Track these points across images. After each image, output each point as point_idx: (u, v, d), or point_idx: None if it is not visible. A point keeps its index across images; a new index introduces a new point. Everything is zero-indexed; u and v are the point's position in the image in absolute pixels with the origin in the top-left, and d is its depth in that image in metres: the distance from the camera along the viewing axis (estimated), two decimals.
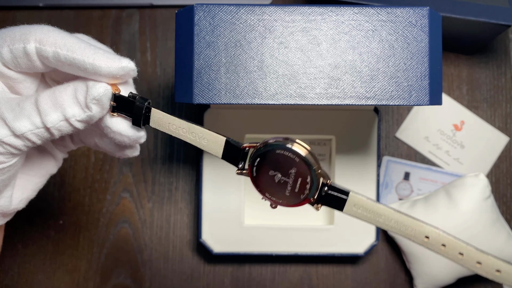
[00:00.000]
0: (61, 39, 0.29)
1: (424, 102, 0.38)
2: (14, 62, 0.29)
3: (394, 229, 0.29)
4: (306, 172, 0.29)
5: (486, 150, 0.55)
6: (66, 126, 0.29)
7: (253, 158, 0.29)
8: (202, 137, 0.31)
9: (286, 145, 0.29)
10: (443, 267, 0.51)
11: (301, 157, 0.29)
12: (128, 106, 0.30)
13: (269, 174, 0.29)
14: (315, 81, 0.37)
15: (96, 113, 0.29)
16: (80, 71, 0.29)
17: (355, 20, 0.38)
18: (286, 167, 0.29)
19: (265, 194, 0.30)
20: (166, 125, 0.31)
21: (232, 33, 0.37)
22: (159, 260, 0.54)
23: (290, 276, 0.54)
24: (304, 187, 0.29)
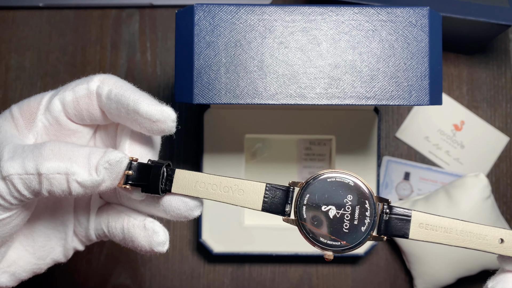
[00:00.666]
0: (120, 82, 0.28)
1: (424, 102, 0.38)
2: (75, 105, 0.28)
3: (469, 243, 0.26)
4: (364, 196, 0.26)
5: (486, 150, 0.55)
6: (60, 183, 0.25)
7: (301, 196, 0.26)
8: (237, 190, 0.27)
9: (335, 171, 0.26)
10: (443, 267, 0.51)
11: (355, 181, 0.26)
12: (146, 173, 0.27)
13: (323, 211, 0.26)
14: (315, 81, 0.37)
15: (102, 181, 0.26)
16: (123, 108, 0.27)
17: (355, 20, 0.38)
18: (340, 196, 0.26)
19: (319, 240, 0.26)
20: (192, 186, 0.27)
21: (232, 33, 0.37)
22: (159, 260, 0.54)
23: (290, 276, 0.54)
24: (363, 216, 0.26)
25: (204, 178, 0.27)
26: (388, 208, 0.26)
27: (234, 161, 0.51)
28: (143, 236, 0.29)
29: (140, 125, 0.27)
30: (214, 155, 0.51)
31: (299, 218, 0.26)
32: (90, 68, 0.55)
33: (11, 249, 0.29)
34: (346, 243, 0.26)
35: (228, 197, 0.27)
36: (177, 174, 0.27)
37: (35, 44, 0.55)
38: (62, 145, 0.26)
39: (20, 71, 0.55)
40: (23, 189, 0.25)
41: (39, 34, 0.55)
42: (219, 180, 0.27)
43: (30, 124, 0.28)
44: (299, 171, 0.54)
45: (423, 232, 0.26)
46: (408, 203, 0.53)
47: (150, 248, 0.29)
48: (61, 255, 0.31)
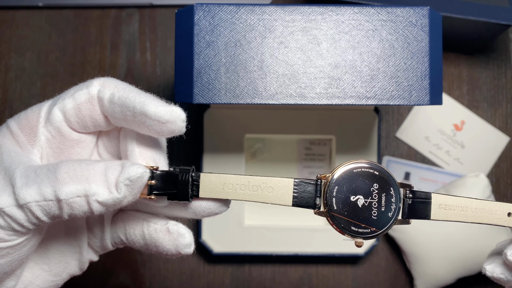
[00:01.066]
0: (122, 84, 0.27)
1: (424, 102, 0.38)
2: (77, 112, 0.27)
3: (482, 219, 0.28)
4: (388, 183, 0.27)
5: (487, 150, 0.55)
6: (80, 205, 0.24)
7: (330, 188, 0.27)
8: (266, 188, 0.27)
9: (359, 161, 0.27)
10: (443, 267, 0.51)
11: (379, 169, 0.27)
12: (170, 181, 0.27)
13: (352, 201, 0.27)
14: (315, 80, 0.37)
15: (124, 198, 0.25)
16: (128, 111, 0.26)
17: (355, 20, 0.38)
18: (367, 185, 0.27)
19: (351, 228, 0.27)
20: (220, 188, 0.27)
21: (232, 32, 0.37)
22: (159, 260, 0.54)
23: (290, 276, 0.54)
24: (389, 202, 0.27)
25: (231, 180, 0.27)
26: (411, 192, 0.28)
27: (234, 161, 0.51)
28: (168, 240, 0.28)
29: (148, 128, 0.26)
30: (214, 155, 0.51)
31: (330, 210, 0.27)
32: (90, 68, 0.55)
33: (25, 269, 0.28)
34: (375, 229, 0.27)
35: (258, 195, 0.27)
36: (203, 178, 0.27)
37: (35, 44, 0.55)
38: (77, 165, 0.25)
39: (19, 71, 0.55)
40: (42, 216, 0.24)
41: (38, 34, 0.55)
42: (246, 180, 0.27)
43: (33, 139, 0.27)
44: (299, 171, 0.54)
45: (442, 212, 0.28)
46: None
47: (177, 252, 0.28)
48: (77, 268, 0.30)
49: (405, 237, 0.52)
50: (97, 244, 0.30)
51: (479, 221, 0.28)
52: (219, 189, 0.27)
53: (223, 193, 0.27)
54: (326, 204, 0.27)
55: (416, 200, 0.28)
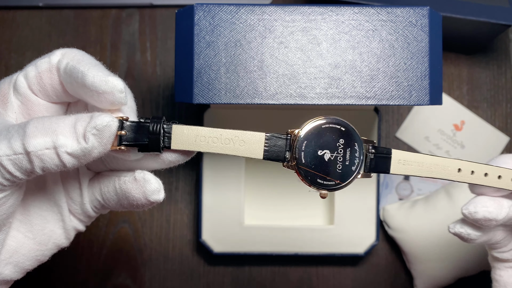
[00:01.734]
0: (80, 55, 0.27)
1: (424, 102, 0.38)
2: (38, 80, 0.28)
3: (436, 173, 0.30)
4: (353, 139, 0.28)
5: (487, 150, 0.55)
6: (51, 158, 0.24)
7: (299, 142, 0.28)
8: (238, 141, 0.28)
9: (327, 118, 0.29)
10: (443, 267, 0.51)
11: (345, 125, 0.29)
12: (141, 132, 0.26)
13: (319, 155, 0.28)
14: (315, 81, 0.37)
15: (93, 147, 0.25)
16: (75, 82, 0.26)
17: (355, 20, 0.38)
18: (333, 141, 0.28)
19: (317, 181, 0.28)
20: (192, 140, 0.27)
21: (232, 33, 0.37)
22: (159, 260, 0.54)
23: (290, 276, 0.54)
24: (353, 157, 0.28)
25: (204, 132, 0.27)
26: (373, 148, 0.29)
27: (234, 161, 0.51)
28: (135, 188, 0.28)
29: (90, 98, 0.26)
30: (214, 155, 0.51)
31: (298, 163, 0.28)
32: None
33: (9, 238, 0.28)
34: (339, 181, 0.28)
35: (230, 148, 0.27)
36: (175, 130, 0.27)
37: (35, 44, 0.55)
38: (46, 120, 0.25)
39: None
40: (14, 170, 0.24)
41: (39, 34, 0.55)
42: (219, 132, 0.27)
43: (6, 105, 0.28)
44: None
45: (401, 167, 0.30)
46: (408, 203, 0.53)
47: (145, 199, 0.28)
48: (63, 237, 0.30)
49: (405, 237, 0.52)
50: (78, 210, 0.30)
51: (433, 176, 0.30)
52: (191, 141, 0.27)
53: (195, 145, 0.27)
54: (295, 158, 0.28)
55: (378, 155, 0.29)
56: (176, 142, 0.27)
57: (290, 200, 0.54)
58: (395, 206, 0.53)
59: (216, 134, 0.27)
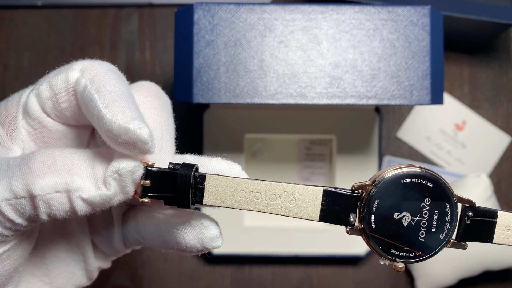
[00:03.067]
0: (104, 77, 0.21)
1: (425, 101, 0.37)
2: (54, 102, 0.22)
3: None
4: (443, 198, 0.22)
5: (488, 150, 0.55)
6: (61, 204, 0.20)
7: (369, 202, 0.22)
8: (287, 197, 0.22)
9: (409, 169, 0.22)
10: (444, 268, 0.50)
11: (434, 179, 0.22)
12: (168, 182, 0.22)
13: (395, 219, 0.22)
14: (316, 80, 0.37)
15: (113, 195, 0.20)
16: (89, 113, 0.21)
17: (356, 19, 0.37)
18: (416, 200, 0.22)
19: (391, 252, 0.22)
20: (230, 195, 0.22)
21: (232, 32, 0.37)
22: (158, 261, 0.54)
23: (290, 277, 0.54)
24: (443, 222, 0.22)
25: (245, 185, 0.22)
26: (471, 210, 0.23)
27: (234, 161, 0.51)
28: (190, 235, 0.23)
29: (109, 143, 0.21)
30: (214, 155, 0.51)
31: (367, 229, 0.22)
32: None
33: (21, 284, 0.24)
34: (421, 253, 0.23)
35: (277, 207, 0.22)
36: (209, 181, 0.22)
37: (34, 43, 0.55)
38: (57, 153, 0.20)
39: (18, 71, 0.54)
40: (15, 217, 0.20)
41: (37, 33, 0.55)
42: (263, 186, 0.22)
43: (12, 133, 0.22)
44: (300, 171, 0.54)
45: (509, 235, 0.23)
46: None
47: (202, 247, 0.23)
48: (84, 278, 0.26)
49: None
50: (108, 249, 0.26)
51: None
52: (229, 196, 0.22)
53: (233, 201, 0.22)
54: (363, 221, 0.22)
55: (478, 219, 0.23)
56: (210, 196, 0.22)
57: None
58: None
59: (259, 188, 0.22)
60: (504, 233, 0.23)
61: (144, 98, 0.24)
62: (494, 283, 0.54)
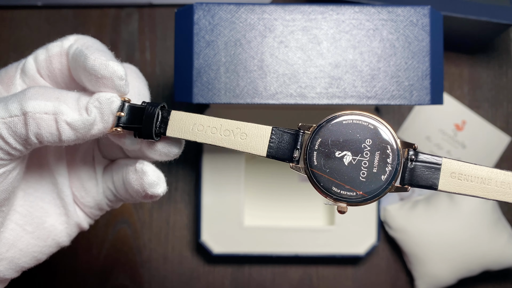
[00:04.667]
0: (93, 42, 0.26)
1: (425, 101, 0.37)
2: (48, 64, 0.26)
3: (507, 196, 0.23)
4: (386, 140, 0.22)
5: (488, 150, 0.55)
6: (48, 124, 0.23)
7: (312, 140, 0.23)
8: (239, 133, 0.24)
9: (353, 111, 0.23)
10: (444, 268, 0.50)
11: (375, 121, 0.23)
12: (139, 115, 0.25)
13: (336, 157, 0.23)
14: (316, 80, 0.37)
15: (94, 120, 0.24)
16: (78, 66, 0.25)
17: (356, 19, 0.37)
18: (357, 140, 0.23)
19: (332, 189, 0.23)
20: (189, 128, 0.25)
21: (232, 32, 0.37)
22: (158, 261, 0.54)
23: (290, 277, 0.54)
24: (385, 163, 0.22)
25: (203, 120, 0.24)
26: (414, 154, 0.23)
27: (234, 161, 0.51)
28: (135, 179, 0.26)
29: (90, 84, 0.25)
30: (214, 155, 0.51)
31: (309, 165, 0.23)
32: None
33: (6, 230, 0.26)
34: (363, 193, 0.23)
35: (229, 141, 0.24)
36: (173, 116, 0.25)
37: (34, 43, 0.55)
38: (49, 88, 0.24)
39: None
40: (8, 136, 0.23)
41: (37, 33, 0.55)
42: (219, 122, 0.24)
43: (10, 89, 0.26)
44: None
45: (455, 182, 0.23)
46: (409, 203, 0.52)
47: (143, 191, 0.26)
48: (64, 234, 0.28)
49: (406, 238, 0.51)
50: (90, 202, 0.29)
51: (506, 199, 0.23)
52: (188, 129, 0.25)
53: (192, 133, 0.25)
54: (305, 158, 0.23)
55: (421, 164, 0.23)
56: (172, 128, 0.25)
57: (290, 201, 0.53)
58: (396, 206, 0.53)
59: (216, 123, 0.24)
60: (450, 180, 0.23)
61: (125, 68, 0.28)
62: (494, 283, 0.54)
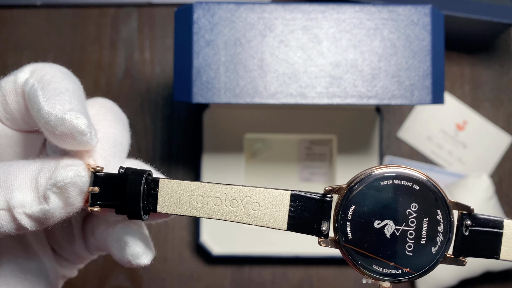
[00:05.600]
0: (52, 76, 0.21)
1: (426, 101, 0.37)
2: (4, 105, 0.21)
3: None
4: (433, 204, 0.19)
5: (489, 150, 0.54)
6: (6, 221, 0.19)
7: (344, 208, 0.19)
8: (250, 202, 0.19)
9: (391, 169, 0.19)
10: (445, 268, 0.50)
11: (422, 182, 0.19)
12: (118, 188, 0.20)
13: (376, 228, 0.19)
14: (316, 80, 0.37)
15: (54, 209, 0.19)
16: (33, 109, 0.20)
17: (357, 19, 0.37)
18: (401, 206, 0.19)
19: (372, 268, 0.19)
20: (186, 201, 0.20)
21: (231, 31, 0.37)
22: (158, 261, 0.54)
23: (290, 278, 0.54)
24: (435, 232, 0.19)
25: (202, 190, 0.20)
26: (470, 218, 0.19)
27: (234, 161, 0.51)
28: (116, 249, 0.22)
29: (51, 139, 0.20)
30: (214, 155, 0.51)
31: (342, 240, 0.19)
32: (88, 67, 0.54)
33: None
34: (409, 270, 0.19)
35: (239, 214, 0.20)
36: (162, 187, 0.20)
37: (33, 43, 0.54)
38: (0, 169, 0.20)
39: None
40: None
41: (36, 33, 0.55)
42: (223, 190, 0.20)
43: None
44: (300, 171, 0.54)
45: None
46: None
47: (128, 263, 0.22)
48: None
49: None
50: (71, 255, 0.25)
51: None
52: (185, 203, 0.20)
53: (190, 208, 0.20)
54: (337, 231, 0.19)
55: (478, 230, 0.19)
56: (164, 203, 0.20)
57: None
58: None
59: (219, 192, 0.20)
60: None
61: (97, 111, 0.23)
62: (495, 283, 0.54)
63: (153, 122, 0.53)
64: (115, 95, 0.53)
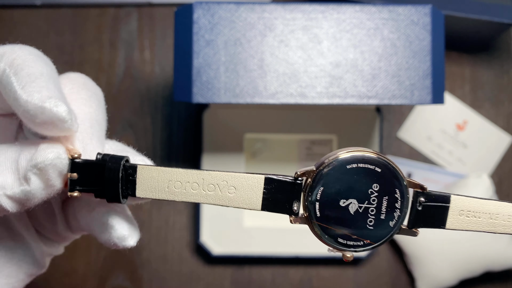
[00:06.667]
0: (24, 60, 0.20)
1: (426, 101, 0.37)
2: None
3: None
4: (392, 184, 0.21)
5: (489, 150, 0.54)
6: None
7: (313, 189, 0.21)
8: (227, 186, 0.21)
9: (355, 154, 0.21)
10: (445, 269, 0.50)
11: (383, 164, 0.21)
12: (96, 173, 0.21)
13: (341, 206, 0.21)
14: (316, 80, 0.37)
15: (35, 190, 0.20)
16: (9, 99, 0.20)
17: (357, 18, 0.37)
18: (363, 186, 0.21)
19: (337, 240, 0.22)
20: (164, 186, 0.21)
21: (231, 31, 0.37)
22: (157, 262, 0.54)
23: (290, 278, 0.54)
24: (393, 209, 0.21)
25: (180, 175, 0.21)
26: (423, 195, 0.22)
27: (234, 161, 0.51)
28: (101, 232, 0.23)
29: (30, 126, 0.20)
30: (214, 155, 0.51)
31: (312, 217, 0.21)
32: (88, 67, 0.54)
33: None
34: (369, 241, 0.22)
35: (216, 197, 0.21)
36: (140, 172, 0.21)
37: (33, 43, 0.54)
38: None
39: None
40: None
41: (36, 33, 0.55)
42: (200, 176, 0.21)
43: None
44: None
45: (463, 220, 0.22)
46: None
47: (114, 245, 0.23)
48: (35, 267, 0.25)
49: (406, 239, 0.51)
50: (54, 235, 0.25)
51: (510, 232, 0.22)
52: (163, 188, 0.21)
53: (169, 192, 0.21)
54: (307, 209, 0.21)
55: (430, 204, 0.22)
56: (142, 188, 0.21)
57: None
58: None
59: (196, 178, 0.21)
60: (458, 218, 0.22)
61: (70, 90, 0.23)
62: (495, 284, 0.54)
63: (153, 122, 0.53)
64: (115, 95, 0.53)
